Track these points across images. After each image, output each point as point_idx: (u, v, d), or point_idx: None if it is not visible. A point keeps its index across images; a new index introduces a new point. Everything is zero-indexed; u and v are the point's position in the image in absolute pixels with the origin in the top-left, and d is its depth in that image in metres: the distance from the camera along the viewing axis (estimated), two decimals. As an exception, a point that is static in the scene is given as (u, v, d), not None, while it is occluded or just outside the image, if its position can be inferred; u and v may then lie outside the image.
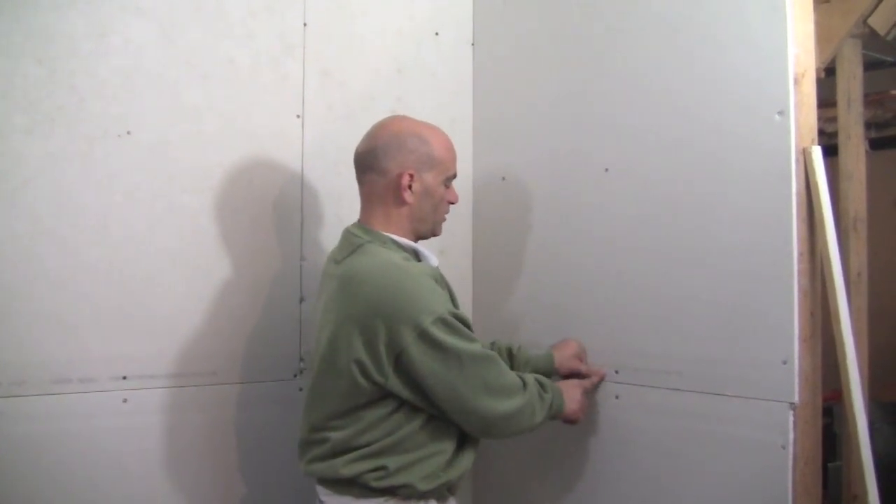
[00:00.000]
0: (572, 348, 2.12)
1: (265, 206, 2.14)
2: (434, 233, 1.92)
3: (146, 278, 1.99)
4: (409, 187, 1.82)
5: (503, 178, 2.40)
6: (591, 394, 2.09)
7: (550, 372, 2.10)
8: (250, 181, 2.13)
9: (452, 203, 1.93)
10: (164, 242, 2.01)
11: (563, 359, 2.11)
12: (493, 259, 2.44)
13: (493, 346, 2.10)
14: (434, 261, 1.88)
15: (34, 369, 1.86)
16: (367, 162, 1.85)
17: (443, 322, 1.70)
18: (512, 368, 2.05)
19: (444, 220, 1.93)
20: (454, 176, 1.91)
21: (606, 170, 2.11)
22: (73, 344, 1.90)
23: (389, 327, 1.68)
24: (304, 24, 2.22)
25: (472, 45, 2.52)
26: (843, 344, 1.79)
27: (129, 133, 1.97)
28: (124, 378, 1.96)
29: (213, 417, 2.06)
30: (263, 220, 2.14)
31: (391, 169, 1.82)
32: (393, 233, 1.84)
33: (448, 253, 2.42)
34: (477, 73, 2.51)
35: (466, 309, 2.44)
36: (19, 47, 1.85)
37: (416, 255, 1.86)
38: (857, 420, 1.77)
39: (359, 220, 1.88)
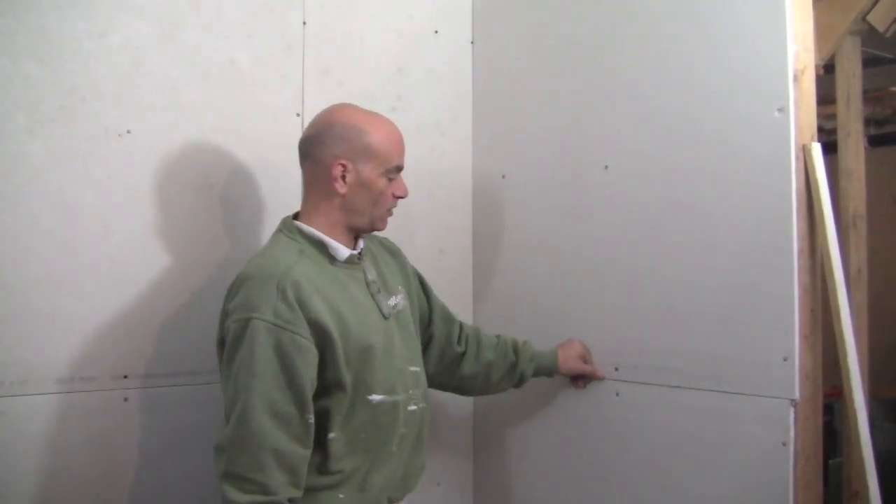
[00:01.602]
0: (576, 349, 2.12)
1: (266, 205, 2.14)
2: (374, 227, 1.82)
3: (146, 277, 1.99)
4: (343, 178, 1.74)
5: (503, 176, 2.41)
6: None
7: (553, 369, 2.10)
8: (250, 180, 2.13)
9: (400, 197, 1.83)
10: (165, 242, 2.01)
11: (567, 359, 2.11)
12: (493, 257, 2.44)
13: (498, 339, 2.09)
14: (343, 254, 1.76)
15: (35, 368, 1.86)
16: (304, 150, 1.80)
17: (245, 322, 1.60)
18: (517, 363, 2.05)
19: (390, 214, 1.84)
20: (398, 168, 1.81)
21: (606, 167, 2.11)
22: (74, 343, 1.90)
23: (221, 321, 1.69)
24: (304, 24, 2.22)
25: (472, 43, 2.52)
26: (843, 341, 1.79)
27: (129, 133, 1.97)
28: (125, 377, 1.96)
29: (214, 416, 2.05)
30: (264, 219, 2.14)
31: (325, 158, 1.75)
32: (317, 223, 1.76)
33: (448, 251, 2.42)
34: (476, 72, 2.52)
35: (466, 306, 2.46)
36: (20, 47, 1.85)
37: (324, 247, 1.75)
38: (858, 417, 1.78)
39: None
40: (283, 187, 2.16)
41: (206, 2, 2.08)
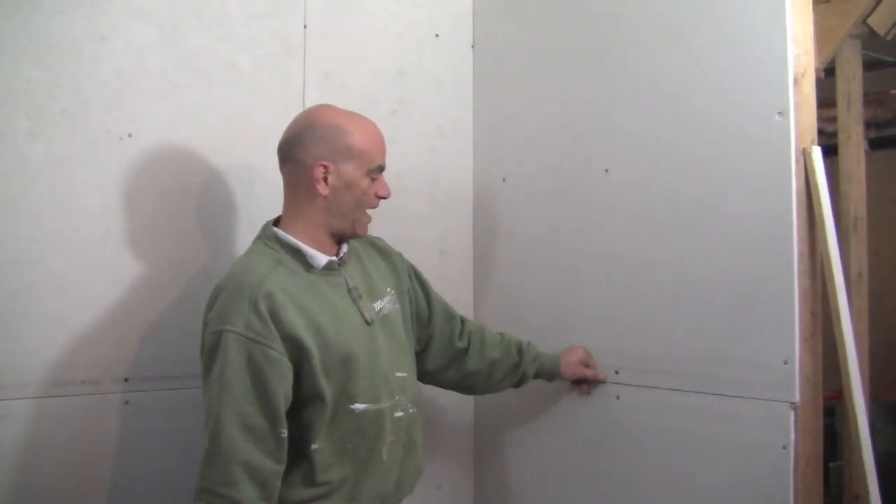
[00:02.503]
0: (578, 354, 2.12)
1: (266, 208, 2.13)
2: (356, 231, 1.78)
3: (148, 280, 1.99)
4: (325, 179, 1.71)
5: (504, 180, 2.41)
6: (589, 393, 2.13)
7: (555, 373, 2.09)
8: (252, 184, 2.13)
9: (382, 197, 1.79)
10: (166, 245, 2.01)
11: (569, 364, 2.10)
12: (493, 260, 2.44)
13: (502, 337, 2.08)
14: (320, 262, 1.72)
15: (37, 371, 1.86)
16: (284, 152, 1.77)
17: (218, 335, 1.60)
18: (520, 363, 2.04)
19: (370, 218, 1.80)
20: (380, 168, 1.77)
21: (606, 171, 2.11)
22: (75, 346, 1.90)
23: (202, 331, 1.68)
24: (305, 27, 2.22)
25: (473, 47, 2.53)
26: (843, 344, 1.80)
27: (130, 136, 1.97)
28: (126, 380, 1.96)
29: (215, 419, 2.06)
30: (264, 222, 2.14)
31: (306, 160, 1.72)
32: (297, 229, 1.73)
33: (449, 254, 2.42)
34: (477, 75, 2.52)
35: (467, 309, 2.45)
36: (22, 50, 1.85)
37: (301, 255, 1.72)
38: (858, 420, 1.78)
39: None
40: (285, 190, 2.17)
41: (208, 5, 2.08)
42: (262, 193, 2.14)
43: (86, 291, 1.92)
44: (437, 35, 2.47)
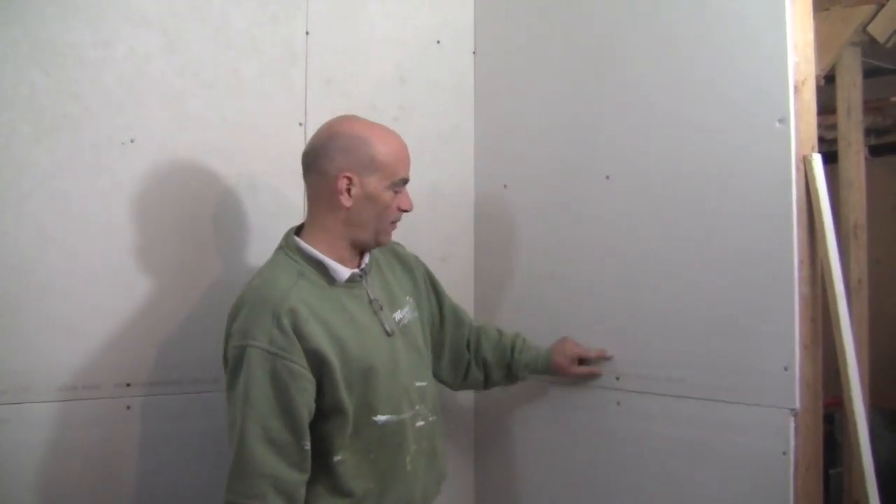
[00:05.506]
0: (567, 342, 2.12)
1: (269, 214, 2.15)
2: (378, 242, 1.78)
3: (150, 286, 1.99)
4: (348, 191, 1.71)
5: (505, 186, 2.41)
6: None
7: (549, 367, 2.09)
8: (254, 190, 2.13)
9: (405, 210, 1.79)
10: (168, 250, 2.02)
11: (560, 352, 2.09)
12: (494, 266, 2.45)
13: (500, 337, 2.10)
14: (343, 275, 1.73)
15: (39, 376, 1.86)
16: (308, 162, 1.77)
17: (242, 349, 1.61)
18: (511, 364, 2.07)
19: (394, 227, 1.81)
20: (404, 181, 1.78)
21: (607, 177, 2.12)
22: (77, 351, 1.91)
23: (225, 342, 1.69)
24: (307, 34, 2.23)
25: (474, 53, 2.53)
26: (843, 350, 1.80)
27: (133, 142, 1.98)
28: (128, 385, 1.96)
29: (216, 424, 2.05)
30: (266, 228, 2.14)
31: (330, 171, 1.71)
32: (319, 239, 1.74)
33: (450, 260, 2.43)
34: (478, 82, 2.52)
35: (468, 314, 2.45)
36: (25, 56, 1.86)
37: (323, 268, 1.73)
38: (858, 426, 1.78)
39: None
40: (286, 196, 2.17)
41: (211, 12, 2.09)
42: (264, 199, 2.15)
43: (88, 296, 1.92)
44: (438, 42, 2.47)
